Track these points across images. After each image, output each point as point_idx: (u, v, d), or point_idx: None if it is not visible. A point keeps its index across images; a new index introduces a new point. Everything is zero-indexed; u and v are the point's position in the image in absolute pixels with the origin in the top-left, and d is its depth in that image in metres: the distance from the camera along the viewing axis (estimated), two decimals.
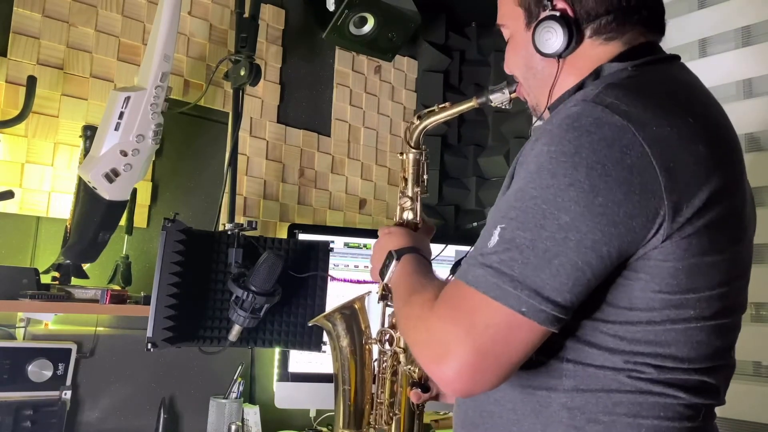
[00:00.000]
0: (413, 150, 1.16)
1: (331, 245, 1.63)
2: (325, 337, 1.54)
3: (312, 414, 1.90)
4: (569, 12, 0.85)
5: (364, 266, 1.93)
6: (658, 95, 0.79)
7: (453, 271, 0.95)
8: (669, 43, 1.99)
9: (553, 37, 0.85)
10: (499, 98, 1.04)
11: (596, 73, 0.86)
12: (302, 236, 1.86)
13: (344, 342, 1.17)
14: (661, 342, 0.77)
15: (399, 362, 1.11)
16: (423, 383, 1.11)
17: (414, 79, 2.45)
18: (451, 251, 1.96)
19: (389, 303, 1.11)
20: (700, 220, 0.75)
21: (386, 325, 1.13)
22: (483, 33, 2.57)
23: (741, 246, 0.83)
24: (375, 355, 1.16)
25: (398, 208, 1.17)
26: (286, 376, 1.82)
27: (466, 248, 1.35)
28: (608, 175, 0.71)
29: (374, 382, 1.14)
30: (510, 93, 1.02)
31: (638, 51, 0.86)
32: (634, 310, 0.76)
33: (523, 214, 0.73)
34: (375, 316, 1.19)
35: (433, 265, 1.05)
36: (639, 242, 0.73)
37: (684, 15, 2.01)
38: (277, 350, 1.83)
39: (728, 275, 0.80)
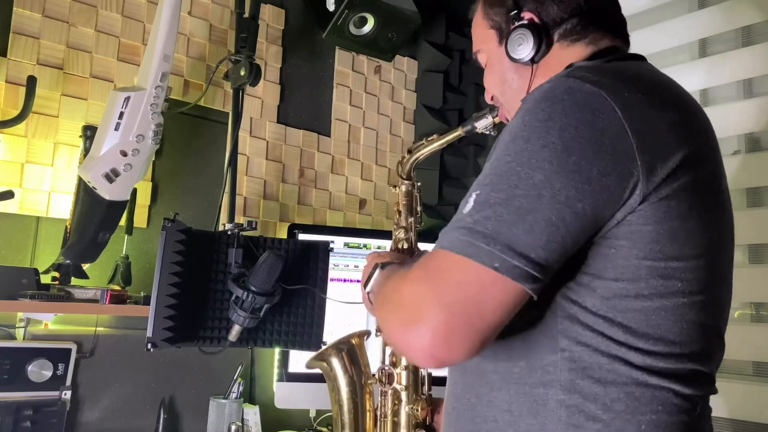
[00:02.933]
0: (406, 182, 1.18)
1: (331, 245, 1.63)
2: (326, 337, 1.55)
3: (312, 414, 1.90)
4: (536, 20, 0.93)
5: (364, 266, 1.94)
6: (627, 75, 0.83)
7: None
8: (669, 43, 2.01)
9: (525, 44, 0.92)
10: (483, 124, 1.10)
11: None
12: (302, 236, 1.86)
13: (342, 382, 1.12)
14: (652, 323, 0.76)
15: (400, 401, 1.07)
16: (427, 424, 1.07)
17: (414, 79, 2.45)
18: None
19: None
20: (676, 182, 0.75)
21: (386, 362, 1.09)
22: None
23: (721, 214, 0.84)
24: (376, 396, 1.11)
25: (393, 238, 1.17)
26: (286, 376, 1.82)
27: None
28: (581, 137, 0.73)
29: (375, 425, 1.10)
30: (493, 117, 1.08)
31: (605, 52, 0.92)
32: (621, 281, 0.76)
33: (497, 177, 0.74)
34: (373, 354, 1.15)
35: None
36: (616, 203, 0.74)
37: (684, 15, 2.01)
38: (277, 350, 1.83)
39: (710, 244, 0.80)
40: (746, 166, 1.82)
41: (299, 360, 1.82)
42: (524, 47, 0.92)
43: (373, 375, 1.09)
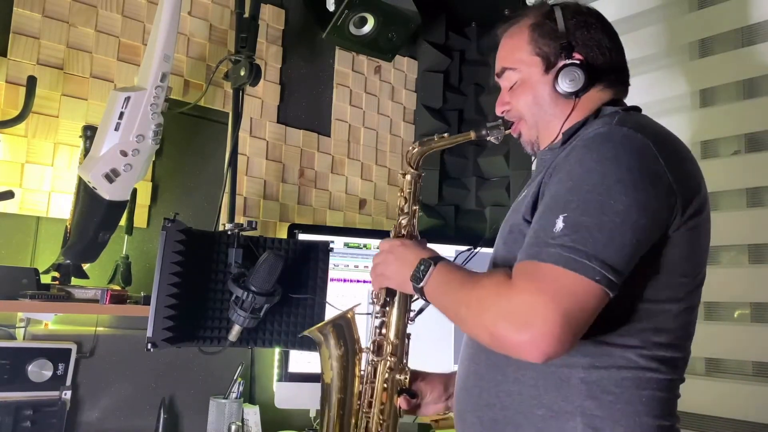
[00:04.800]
0: (412, 171, 1.24)
1: (331, 245, 1.63)
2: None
3: (312, 414, 1.90)
4: (584, 62, 1.09)
5: (364, 266, 1.93)
6: (654, 128, 1.02)
7: None
8: (669, 43, 2.00)
9: (576, 81, 1.07)
10: (495, 134, 1.18)
11: (596, 113, 1.09)
12: (302, 236, 1.86)
13: (336, 353, 1.21)
14: (660, 320, 0.96)
15: (388, 369, 1.16)
16: (410, 390, 1.18)
17: (414, 79, 2.45)
18: (451, 251, 1.97)
19: (377, 314, 1.19)
20: (694, 220, 0.97)
21: (376, 334, 1.19)
22: (483, 33, 2.57)
23: (708, 247, 1.05)
24: (363, 365, 1.22)
25: (397, 223, 1.24)
26: (286, 376, 1.82)
27: (467, 248, 1.37)
28: (643, 176, 0.91)
29: (362, 391, 1.19)
30: (505, 130, 1.18)
31: (618, 101, 1.13)
32: (647, 288, 0.96)
33: (583, 204, 0.89)
34: (361, 326, 1.25)
35: None
36: (663, 231, 0.94)
37: (684, 15, 2.01)
38: (277, 350, 1.83)
39: (702, 269, 1.03)
40: (746, 166, 1.82)
41: (299, 360, 1.82)
42: (574, 84, 1.07)
43: (367, 348, 1.20)
